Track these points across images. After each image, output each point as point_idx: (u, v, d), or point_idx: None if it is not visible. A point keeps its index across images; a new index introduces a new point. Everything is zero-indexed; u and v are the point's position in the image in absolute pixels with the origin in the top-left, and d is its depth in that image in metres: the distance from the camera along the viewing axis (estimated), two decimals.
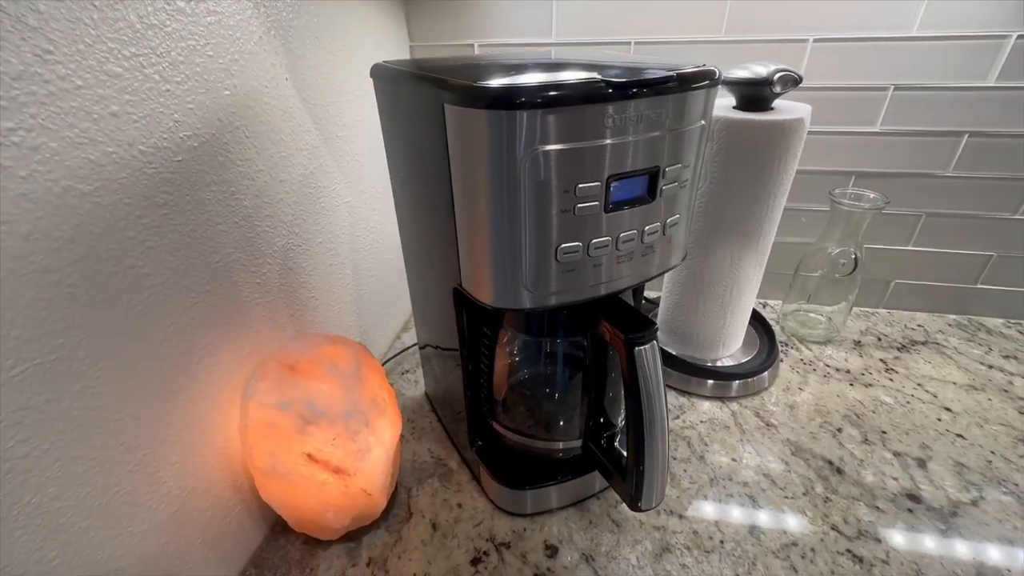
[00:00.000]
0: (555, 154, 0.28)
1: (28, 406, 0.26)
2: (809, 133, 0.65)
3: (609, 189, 0.30)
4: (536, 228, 0.30)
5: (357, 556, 0.45)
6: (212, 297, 0.38)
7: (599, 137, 0.28)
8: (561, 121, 0.27)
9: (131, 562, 0.33)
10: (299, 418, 0.36)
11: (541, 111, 0.26)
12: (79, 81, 0.27)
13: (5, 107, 0.24)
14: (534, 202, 0.29)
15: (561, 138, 0.28)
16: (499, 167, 0.28)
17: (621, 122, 0.28)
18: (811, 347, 0.70)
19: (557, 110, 0.27)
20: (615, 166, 0.30)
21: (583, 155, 0.28)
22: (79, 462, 0.29)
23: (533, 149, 0.27)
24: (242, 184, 0.40)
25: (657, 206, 0.33)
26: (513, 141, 0.27)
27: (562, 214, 0.30)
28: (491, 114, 0.27)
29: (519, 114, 0.26)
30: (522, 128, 0.27)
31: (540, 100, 0.26)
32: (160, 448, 0.34)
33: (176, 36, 0.33)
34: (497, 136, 0.27)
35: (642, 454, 0.38)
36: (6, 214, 0.24)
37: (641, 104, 0.28)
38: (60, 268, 0.27)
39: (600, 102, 0.27)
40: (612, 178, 0.30)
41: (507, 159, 0.28)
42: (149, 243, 0.32)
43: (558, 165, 0.28)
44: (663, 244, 0.36)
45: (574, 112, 0.27)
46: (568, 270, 0.32)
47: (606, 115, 0.28)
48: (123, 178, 0.30)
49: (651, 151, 0.30)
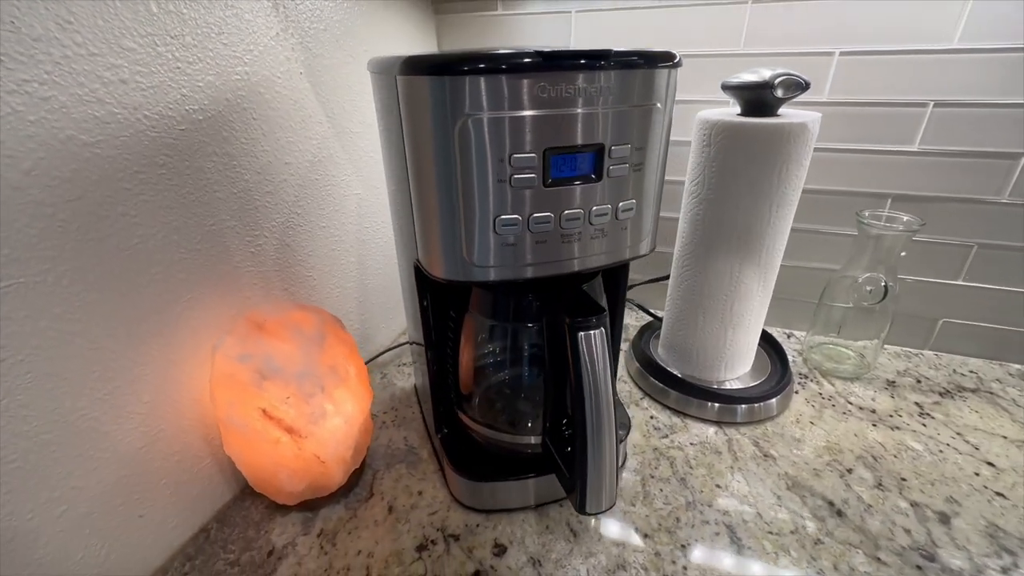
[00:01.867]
0: (487, 121, 0.29)
1: (8, 317, 0.30)
2: (835, 150, 0.62)
3: (548, 163, 0.31)
4: (473, 197, 0.31)
5: (311, 526, 0.45)
6: (202, 257, 0.42)
7: (531, 107, 0.29)
8: (490, 89, 0.28)
9: (88, 484, 0.36)
10: (256, 372, 0.38)
11: (469, 77, 0.28)
12: (94, 49, 0.32)
13: (23, 62, 0.29)
14: (470, 169, 0.30)
15: (491, 106, 0.28)
16: (437, 133, 0.29)
17: (556, 94, 0.29)
18: (835, 382, 0.64)
19: (485, 77, 0.28)
20: (552, 139, 0.30)
21: (513, 124, 0.29)
22: (50, 379, 0.32)
23: (465, 115, 0.28)
24: (244, 160, 0.44)
25: (605, 187, 0.33)
26: (445, 106, 0.28)
27: (499, 184, 0.31)
28: (425, 80, 0.28)
29: (449, 79, 0.28)
30: (453, 93, 0.28)
31: (467, 67, 0.27)
32: (132, 385, 0.38)
33: (191, 22, 0.38)
34: (432, 102, 0.29)
35: (585, 450, 0.36)
36: (11, 150, 0.29)
37: (575, 77, 0.29)
38: (54, 203, 0.31)
39: (529, 71, 0.28)
40: (550, 151, 0.30)
41: (443, 125, 0.29)
42: (144, 197, 0.36)
43: (490, 133, 0.29)
44: (616, 230, 0.35)
45: (502, 80, 0.28)
46: (508, 244, 0.33)
47: (537, 86, 0.28)
48: (125, 136, 0.35)
49: (591, 127, 0.30)
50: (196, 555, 0.43)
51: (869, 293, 0.59)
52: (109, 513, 0.37)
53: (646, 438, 0.55)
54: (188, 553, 0.43)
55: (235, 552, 0.43)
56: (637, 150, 0.33)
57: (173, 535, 0.43)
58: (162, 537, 0.42)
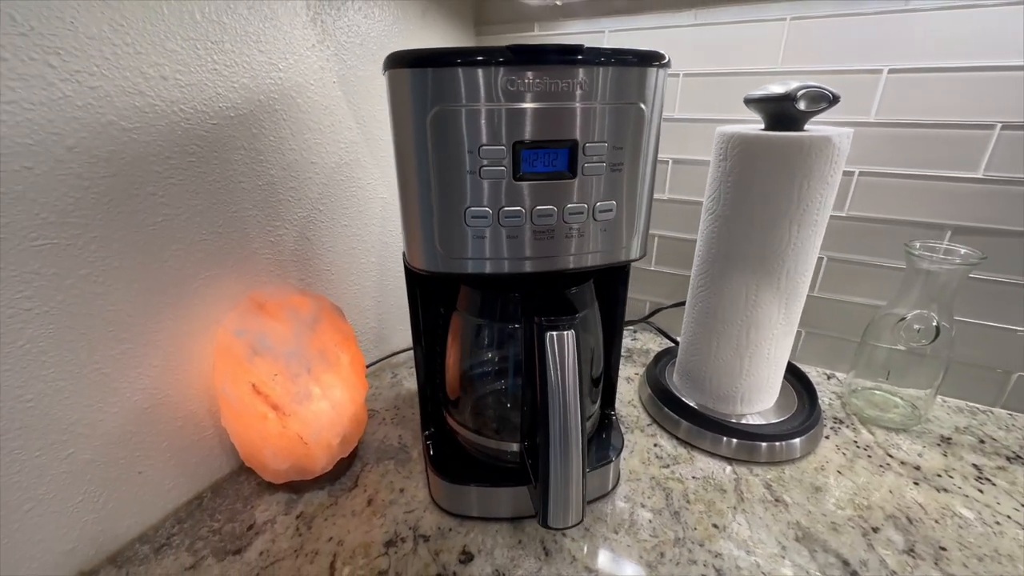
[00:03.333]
0: (456, 113, 0.30)
1: (38, 272, 0.34)
2: (884, 175, 0.57)
3: (519, 156, 0.31)
4: (444, 187, 0.32)
5: (292, 508, 0.46)
6: (222, 240, 0.46)
7: (499, 101, 0.29)
8: (460, 81, 0.29)
9: (95, 433, 0.39)
10: (249, 347, 0.41)
11: (441, 69, 0.29)
12: (140, 48, 0.37)
13: (77, 55, 0.34)
14: (441, 160, 0.31)
15: (461, 98, 0.29)
16: (414, 124, 0.31)
17: (525, 88, 0.29)
18: (875, 431, 0.57)
19: (454, 69, 0.29)
20: (520, 132, 0.30)
21: (482, 116, 0.30)
22: (70, 331, 0.36)
23: (437, 106, 0.30)
24: (271, 156, 0.49)
25: (581, 185, 0.32)
26: (419, 97, 0.30)
27: (468, 175, 0.31)
28: (404, 72, 0.30)
29: (420, 71, 0.29)
30: (426, 85, 0.29)
31: (439, 60, 0.29)
32: (145, 348, 0.41)
33: (231, 31, 0.43)
34: (410, 94, 0.30)
35: (548, 459, 0.34)
36: (59, 129, 0.34)
37: (545, 72, 0.29)
38: (91, 178, 0.36)
39: (498, 65, 0.28)
40: (520, 145, 0.31)
41: (418, 115, 0.30)
42: (172, 180, 0.41)
43: (460, 124, 0.30)
44: (596, 231, 0.34)
45: (472, 72, 0.29)
46: (479, 236, 0.33)
47: (507, 80, 0.29)
48: (161, 125, 0.39)
49: (562, 123, 0.30)
50: (186, 519, 0.45)
51: (917, 333, 0.53)
52: (111, 464, 0.41)
53: (644, 465, 0.52)
54: (180, 516, 0.46)
55: (220, 522, 0.45)
56: (616, 149, 0.32)
57: (169, 497, 0.46)
58: (159, 497, 0.45)
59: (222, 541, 0.43)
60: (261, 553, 0.42)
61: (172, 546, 0.43)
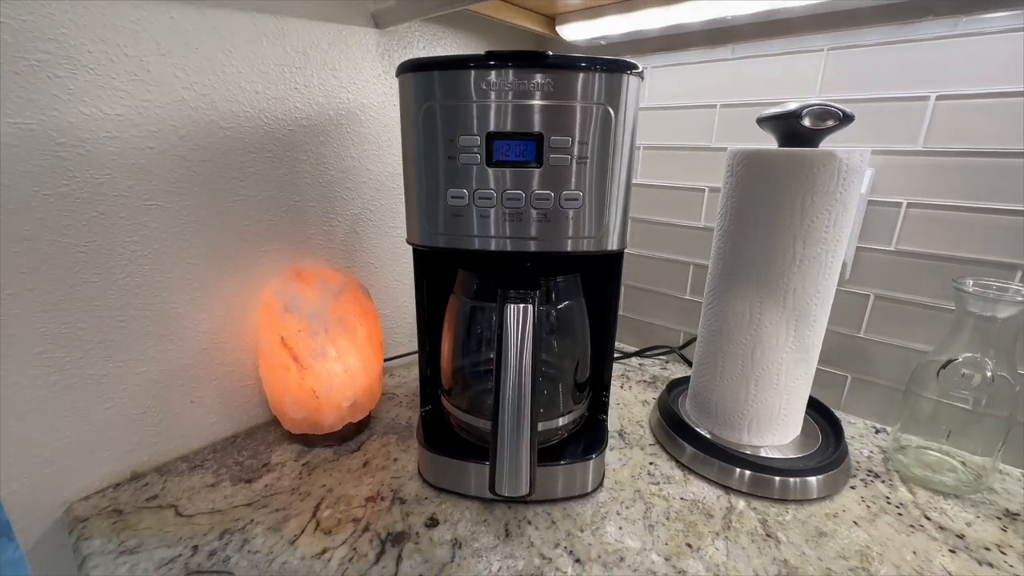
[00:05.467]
0: (441, 108, 0.36)
1: (145, 223, 0.46)
2: (933, 207, 0.53)
3: (491, 146, 0.36)
4: (430, 170, 0.38)
5: (302, 457, 0.53)
6: (284, 223, 0.56)
7: (474, 98, 0.35)
8: (443, 81, 0.35)
9: (163, 359, 0.49)
10: (282, 305, 0.49)
11: (424, 72, 0.35)
12: (242, 69, 0.49)
13: (196, 71, 0.46)
14: (428, 148, 0.37)
15: (445, 96, 0.36)
16: (412, 119, 0.38)
17: (499, 88, 0.35)
18: (917, 491, 0.49)
19: (438, 72, 0.35)
20: (491, 125, 0.35)
21: (460, 111, 0.35)
22: (158, 273, 0.47)
23: (426, 103, 0.36)
24: (332, 160, 0.59)
25: (547, 174, 0.36)
26: (414, 96, 0.37)
27: (448, 160, 0.37)
28: (404, 77, 0.37)
29: (411, 75, 0.36)
30: (416, 86, 0.36)
31: (426, 65, 0.35)
32: (210, 299, 0.52)
33: (313, 60, 0.54)
34: (410, 93, 0.37)
35: (498, 426, 0.37)
36: (176, 122, 0.46)
37: (512, 74, 0.34)
38: (192, 160, 0.47)
39: (472, 68, 0.34)
40: (493, 136, 0.36)
41: (413, 111, 0.37)
42: (251, 169, 0.52)
43: (443, 118, 0.36)
44: (562, 218, 0.37)
45: (452, 75, 0.35)
46: (456, 214, 0.38)
47: (483, 80, 0.35)
48: (248, 127, 0.51)
49: (527, 117, 0.35)
50: (220, 451, 0.54)
51: (963, 378, 0.47)
52: (171, 388, 0.51)
53: (633, 479, 0.50)
54: (216, 448, 0.54)
55: (244, 457, 0.53)
56: (581, 144, 0.36)
57: (210, 431, 0.55)
58: (202, 429, 0.54)
59: (240, 471, 0.50)
60: (266, 486, 0.48)
61: (203, 468, 0.51)
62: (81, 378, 0.45)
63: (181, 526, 0.43)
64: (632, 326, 0.83)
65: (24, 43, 0.37)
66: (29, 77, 0.38)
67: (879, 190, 0.56)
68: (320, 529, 0.43)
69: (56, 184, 0.41)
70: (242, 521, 0.44)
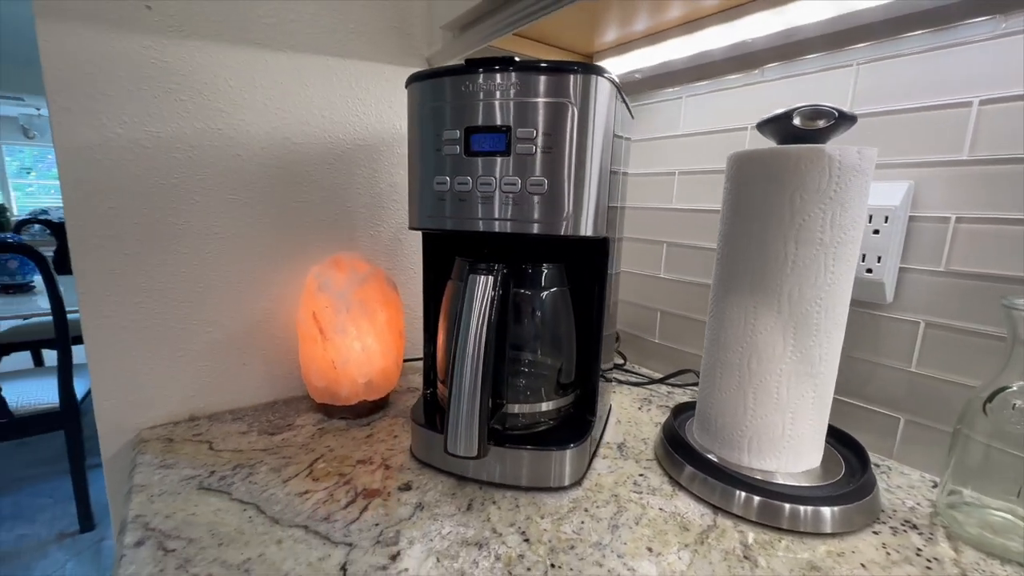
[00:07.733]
0: (431, 108, 0.43)
1: (230, 215, 0.58)
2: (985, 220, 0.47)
3: (469, 139, 0.42)
4: (423, 161, 0.44)
5: (320, 424, 0.60)
6: (335, 226, 0.67)
7: (454, 99, 0.42)
8: (432, 87, 0.42)
9: (227, 324, 0.61)
10: (317, 285, 0.58)
11: (420, 82, 0.43)
12: (317, 101, 0.62)
13: (281, 99, 0.60)
14: (423, 142, 0.44)
15: (434, 98, 0.43)
16: (415, 120, 0.45)
17: (473, 89, 0.41)
18: (965, 549, 0.41)
19: (430, 80, 0.42)
20: (469, 120, 0.41)
21: (444, 110, 0.42)
22: (229, 255, 0.60)
23: (423, 105, 0.44)
24: (383, 175, 0.70)
25: (514, 162, 0.41)
26: (416, 100, 0.44)
27: (435, 153, 0.43)
28: (409, 88, 0.45)
29: (413, 85, 0.44)
30: (417, 92, 0.44)
31: (422, 76, 0.43)
32: (269, 280, 0.63)
33: (373, 95, 0.67)
34: (410, 100, 0.45)
35: (452, 387, 0.40)
36: (258, 138, 0.59)
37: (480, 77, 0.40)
38: (268, 166, 0.60)
39: (453, 75, 0.41)
40: (470, 130, 0.42)
41: (415, 113, 0.45)
42: (313, 177, 0.64)
43: (432, 117, 0.43)
44: (528, 201, 0.41)
45: (440, 81, 0.42)
46: (441, 199, 0.44)
47: (462, 84, 0.41)
48: (314, 144, 0.63)
49: (497, 113, 0.40)
50: (260, 410, 0.63)
51: (1014, 410, 0.39)
52: (230, 350, 0.61)
53: (615, 484, 0.49)
54: (258, 408, 0.63)
55: (275, 417, 0.61)
56: (546, 135, 0.40)
57: (256, 394, 0.64)
58: (248, 391, 0.64)
59: (268, 427, 0.58)
60: (283, 439, 0.55)
61: (242, 420, 0.60)
62: (165, 327, 0.57)
63: (209, 456, 0.51)
64: (668, 354, 0.80)
65: (163, 76, 0.53)
66: (163, 99, 0.53)
67: (922, 204, 0.51)
68: (311, 476, 0.48)
69: (170, 176, 0.55)
70: (254, 460, 0.51)
